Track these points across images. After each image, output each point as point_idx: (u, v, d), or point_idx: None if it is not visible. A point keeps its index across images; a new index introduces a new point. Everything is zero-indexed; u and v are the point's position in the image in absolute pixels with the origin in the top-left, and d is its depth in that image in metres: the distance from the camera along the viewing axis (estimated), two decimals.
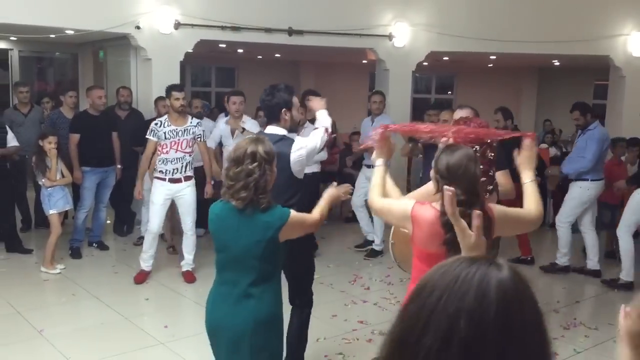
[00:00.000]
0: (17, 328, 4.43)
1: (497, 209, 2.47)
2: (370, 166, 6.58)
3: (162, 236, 6.74)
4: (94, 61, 9.31)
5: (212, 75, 12.55)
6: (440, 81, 13.82)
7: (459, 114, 3.94)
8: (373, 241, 6.64)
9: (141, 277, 5.52)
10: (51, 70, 11.71)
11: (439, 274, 0.91)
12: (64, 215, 6.42)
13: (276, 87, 3.51)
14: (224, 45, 8.60)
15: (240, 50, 10.00)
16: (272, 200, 2.61)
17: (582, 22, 8.37)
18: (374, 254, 6.53)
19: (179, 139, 5.40)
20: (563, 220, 6.07)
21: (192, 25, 7.00)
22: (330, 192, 2.87)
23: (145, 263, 5.56)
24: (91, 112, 6.40)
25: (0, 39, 8.78)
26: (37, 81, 11.06)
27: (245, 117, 6.00)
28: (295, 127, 3.62)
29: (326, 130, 3.57)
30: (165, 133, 5.38)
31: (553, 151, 8.74)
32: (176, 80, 7.22)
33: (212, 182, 5.76)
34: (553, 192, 7.74)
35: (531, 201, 2.59)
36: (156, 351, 4.20)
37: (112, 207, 6.95)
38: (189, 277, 5.59)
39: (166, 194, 5.42)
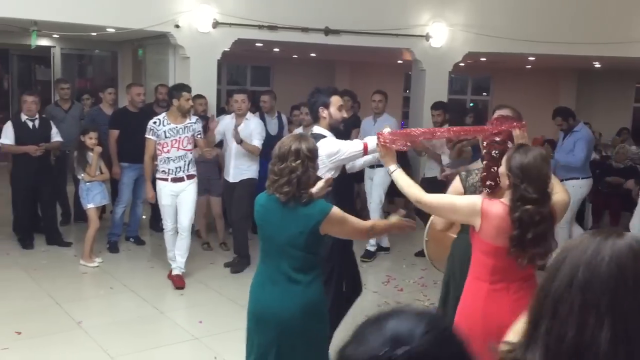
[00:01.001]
0: (57, 319, 4.54)
1: (556, 203, 2.56)
2: (372, 166, 6.48)
3: (197, 232, 6.83)
4: (133, 59, 9.47)
5: (248, 74, 12.64)
6: (475, 82, 13.66)
7: (499, 114, 3.91)
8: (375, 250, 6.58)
9: (180, 281, 5.41)
10: (91, 68, 11.96)
11: (569, 242, 1.17)
12: (102, 209, 6.57)
13: (318, 88, 3.73)
14: (260, 44, 8.65)
15: (276, 50, 10.04)
16: None
17: (623, 23, 8.18)
18: (368, 255, 6.43)
19: (179, 137, 5.29)
20: (563, 221, 5.96)
21: (230, 24, 7.06)
22: (395, 222, 2.87)
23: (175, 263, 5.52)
24: (130, 109, 6.52)
25: (43, 36, 8.99)
26: (77, 78, 11.30)
27: (249, 115, 5.89)
28: (337, 125, 3.71)
29: (365, 148, 3.54)
30: (165, 132, 5.28)
31: (592, 155, 8.55)
32: (213, 78, 7.31)
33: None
34: (592, 198, 7.58)
35: (557, 187, 2.68)
36: (191, 346, 4.25)
37: (148, 202, 7.05)
38: (179, 281, 5.35)
39: (171, 194, 5.34)
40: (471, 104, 13.53)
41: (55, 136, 6.35)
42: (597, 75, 11.96)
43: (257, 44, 8.56)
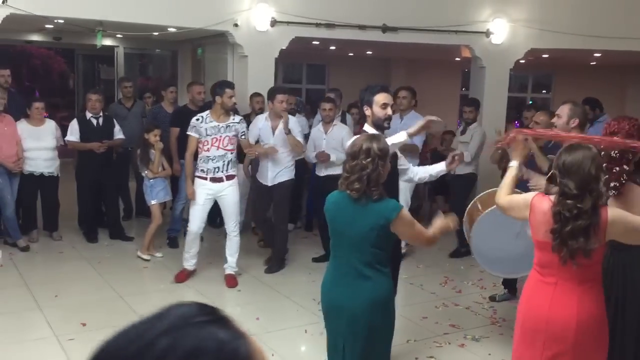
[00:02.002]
0: (120, 312, 4.65)
1: (613, 212, 2.59)
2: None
3: (253, 229, 6.90)
4: (192, 58, 9.65)
5: (303, 72, 12.68)
6: (535, 79, 13.28)
7: (563, 110, 3.92)
8: None
9: (182, 276, 5.41)
10: (152, 67, 12.27)
11: None
12: (163, 205, 6.71)
13: (369, 85, 3.82)
14: (317, 43, 8.66)
15: (332, 47, 10.03)
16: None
17: None
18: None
19: (220, 136, 5.16)
20: None
21: (288, 23, 7.09)
22: (440, 223, 2.97)
23: (187, 262, 5.43)
24: (191, 107, 6.63)
25: (107, 36, 9.30)
26: (139, 77, 11.62)
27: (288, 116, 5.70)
28: (380, 123, 3.71)
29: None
30: (206, 129, 5.15)
31: None
32: (271, 77, 7.36)
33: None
34: None
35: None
36: None
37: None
38: (231, 281, 5.35)
39: (207, 194, 5.23)
40: (530, 102, 13.17)
41: (118, 133, 6.54)
42: None
43: (313, 42, 8.57)
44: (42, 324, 4.39)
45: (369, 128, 3.73)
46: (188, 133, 5.26)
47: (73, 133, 6.34)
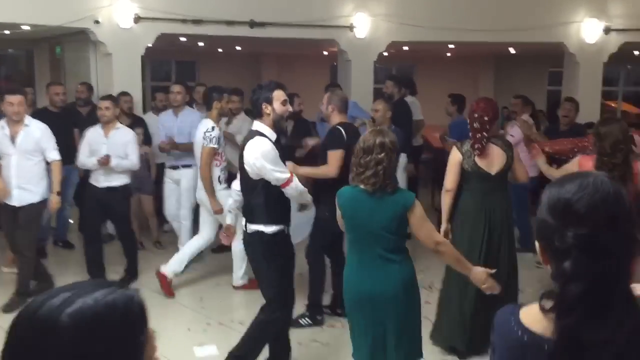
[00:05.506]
0: None
1: None
2: (177, 167, 5.95)
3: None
4: (51, 57, 9.11)
5: (172, 70, 12.41)
6: (399, 71, 13.97)
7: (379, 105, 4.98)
8: None
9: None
10: (4, 68, 11.39)
11: None
12: None
13: (260, 85, 3.70)
14: (184, 39, 8.53)
15: (201, 44, 9.92)
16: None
17: (537, 9, 8.54)
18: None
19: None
20: None
21: (153, 19, 6.92)
22: (478, 274, 2.98)
23: None
24: (51, 108, 6.29)
25: None
26: None
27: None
28: (280, 120, 3.62)
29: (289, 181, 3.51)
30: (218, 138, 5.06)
31: None
32: (138, 75, 7.15)
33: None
34: None
35: None
36: None
37: (76, 206, 6.82)
38: None
39: None
40: None
41: None
42: (513, 61, 12.49)
43: (181, 39, 8.43)
44: None
45: (264, 128, 3.52)
46: (212, 146, 5.00)
47: None
